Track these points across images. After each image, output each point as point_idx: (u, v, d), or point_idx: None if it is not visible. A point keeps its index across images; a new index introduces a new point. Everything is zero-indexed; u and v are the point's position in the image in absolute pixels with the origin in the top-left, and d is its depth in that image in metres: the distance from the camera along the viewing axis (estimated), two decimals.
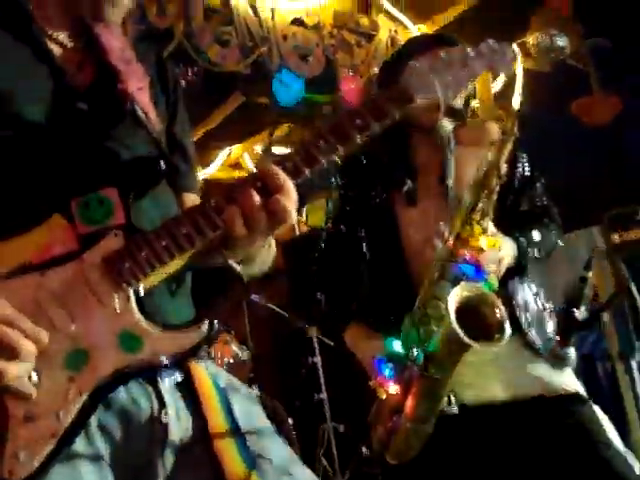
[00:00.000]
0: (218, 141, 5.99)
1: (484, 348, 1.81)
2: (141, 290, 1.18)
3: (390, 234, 2.23)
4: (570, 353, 1.84)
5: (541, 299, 2.23)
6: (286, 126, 6.03)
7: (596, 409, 2.09)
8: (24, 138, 1.23)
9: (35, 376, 1.12)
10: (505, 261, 2.05)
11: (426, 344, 1.92)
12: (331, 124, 1.23)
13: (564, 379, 2.12)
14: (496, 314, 1.82)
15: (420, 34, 5.00)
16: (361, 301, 2.30)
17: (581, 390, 2.14)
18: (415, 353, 1.92)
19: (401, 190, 2.24)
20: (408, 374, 1.94)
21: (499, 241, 1.99)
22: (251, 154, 6.49)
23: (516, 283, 2.18)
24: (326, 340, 5.05)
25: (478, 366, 2.02)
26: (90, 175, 1.22)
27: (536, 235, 2.21)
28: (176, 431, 1.26)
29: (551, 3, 4.63)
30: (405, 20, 5.46)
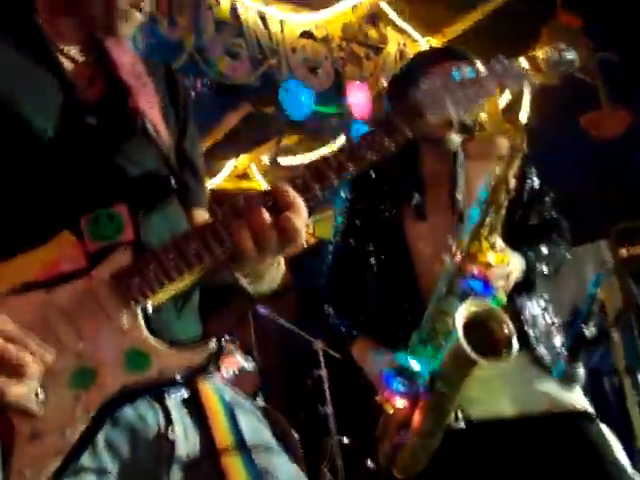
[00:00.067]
0: (225, 151, 6.00)
1: (492, 364, 1.80)
2: (149, 307, 1.18)
3: (399, 248, 2.22)
4: (579, 371, 1.83)
5: (549, 314, 2.22)
6: (294, 137, 6.05)
7: (603, 427, 2.08)
8: (34, 153, 1.23)
9: (42, 393, 1.11)
10: (513, 275, 2.04)
11: (433, 359, 1.92)
12: (344, 144, 1.23)
13: (573, 396, 2.10)
14: (504, 330, 1.81)
15: (429, 47, 5.02)
16: (369, 315, 2.29)
17: (589, 408, 2.12)
18: (422, 368, 1.92)
19: (410, 204, 2.24)
20: (415, 389, 1.93)
21: (507, 256, 1.98)
22: (258, 165, 6.50)
23: (524, 298, 2.17)
24: (332, 353, 5.03)
25: (485, 381, 2.01)
26: (99, 191, 1.22)
27: (544, 250, 2.20)
28: (183, 447, 1.26)
29: (561, 17, 4.63)
30: (414, 33, 5.47)
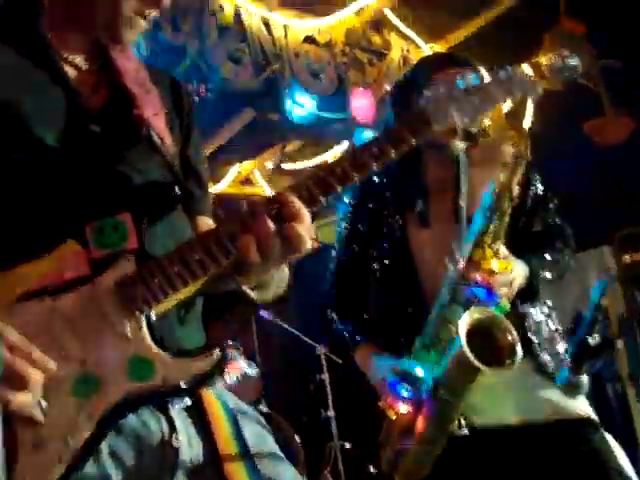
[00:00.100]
0: (229, 157, 5.99)
1: (495, 372, 1.80)
2: (153, 316, 1.18)
3: (403, 254, 2.22)
4: (583, 379, 1.83)
5: (553, 321, 2.21)
6: (297, 143, 6.04)
7: (607, 435, 2.07)
8: (37, 161, 1.23)
9: (44, 402, 1.10)
10: (517, 283, 2.04)
11: (437, 365, 1.92)
12: (348, 152, 1.23)
13: (576, 403, 2.10)
14: (508, 338, 1.81)
15: (433, 53, 5.01)
16: (372, 320, 2.29)
17: (593, 415, 2.12)
18: (426, 374, 1.92)
19: (413, 210, 2.23)
20: (419, 395, 1.93)
21: (511, 264, 1.98)
22: (262, 170, 6.49)
23: (528, 305, 2.17)
24: (334, 357, 5.03)
25: (489, 388, 2.00)
26: (103, 199, 1.21)
27: (548, 257, 2.20)
28: (187, 455, 1.25)
29: (565, 23, 4.62)
30: (417, 39, 5.47)
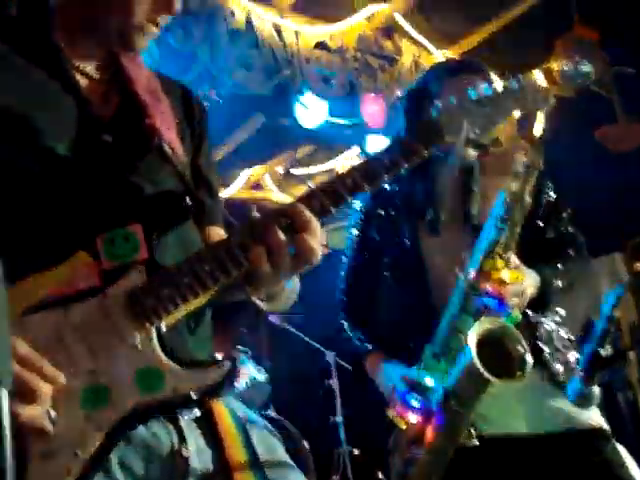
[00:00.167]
0: (239, 162, 6.00)
1: (505, 384, 1.78)
2: (163, 327, 1.17)
3: (413, 262, 2.21)
4: (594, 391, 1.81)
5: (564, 330, 2.20)
6: (308, 148, 6.05)
7: (618, 446, 2.06)
8: (49, 171, 1.23)
9: (53, 412, 1.10)
10: (528, 293, 2.03)
11: (447, 374, 1.90)
12: (359, 163, 1.23)
13: (588, 413, 2.08)
14: (518, 348, 1.80)
15: (445, 59, 5.00)
16: (383, 328, 2.28)
17: (604, 425, 2.11)
18: (436, 384, 1.91)
19: (424, 218, 2.23)
20: (428, 405, 1.92)
21: (522, 274, 1.97)
22: (272, 175, 6.50)
23: (539, 314, 2.15)
24: (343, 364, 5.02)
25: (499, 398, 1.99)
26: (114, 210, 1.21)
27: (561, 266, 2.18)
28: (197, 464, 1.25)
29: (578, 30, 4.60)
30: (429, 45, 5.47)
